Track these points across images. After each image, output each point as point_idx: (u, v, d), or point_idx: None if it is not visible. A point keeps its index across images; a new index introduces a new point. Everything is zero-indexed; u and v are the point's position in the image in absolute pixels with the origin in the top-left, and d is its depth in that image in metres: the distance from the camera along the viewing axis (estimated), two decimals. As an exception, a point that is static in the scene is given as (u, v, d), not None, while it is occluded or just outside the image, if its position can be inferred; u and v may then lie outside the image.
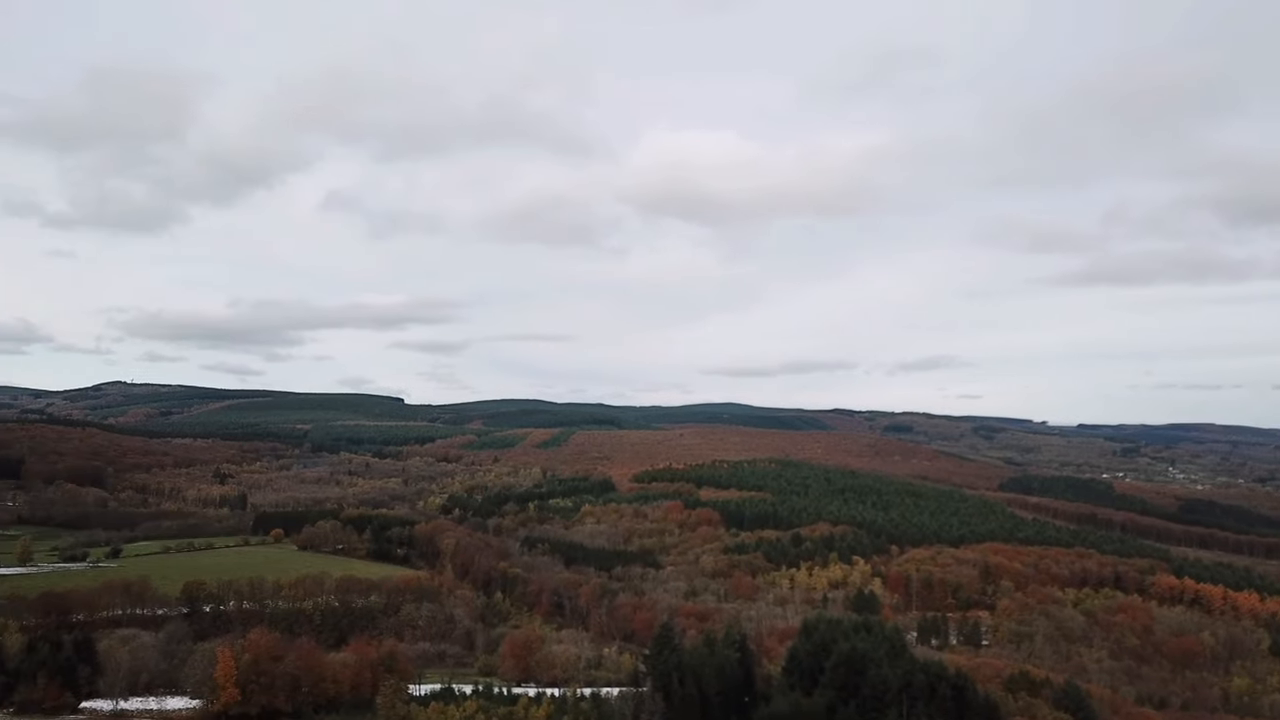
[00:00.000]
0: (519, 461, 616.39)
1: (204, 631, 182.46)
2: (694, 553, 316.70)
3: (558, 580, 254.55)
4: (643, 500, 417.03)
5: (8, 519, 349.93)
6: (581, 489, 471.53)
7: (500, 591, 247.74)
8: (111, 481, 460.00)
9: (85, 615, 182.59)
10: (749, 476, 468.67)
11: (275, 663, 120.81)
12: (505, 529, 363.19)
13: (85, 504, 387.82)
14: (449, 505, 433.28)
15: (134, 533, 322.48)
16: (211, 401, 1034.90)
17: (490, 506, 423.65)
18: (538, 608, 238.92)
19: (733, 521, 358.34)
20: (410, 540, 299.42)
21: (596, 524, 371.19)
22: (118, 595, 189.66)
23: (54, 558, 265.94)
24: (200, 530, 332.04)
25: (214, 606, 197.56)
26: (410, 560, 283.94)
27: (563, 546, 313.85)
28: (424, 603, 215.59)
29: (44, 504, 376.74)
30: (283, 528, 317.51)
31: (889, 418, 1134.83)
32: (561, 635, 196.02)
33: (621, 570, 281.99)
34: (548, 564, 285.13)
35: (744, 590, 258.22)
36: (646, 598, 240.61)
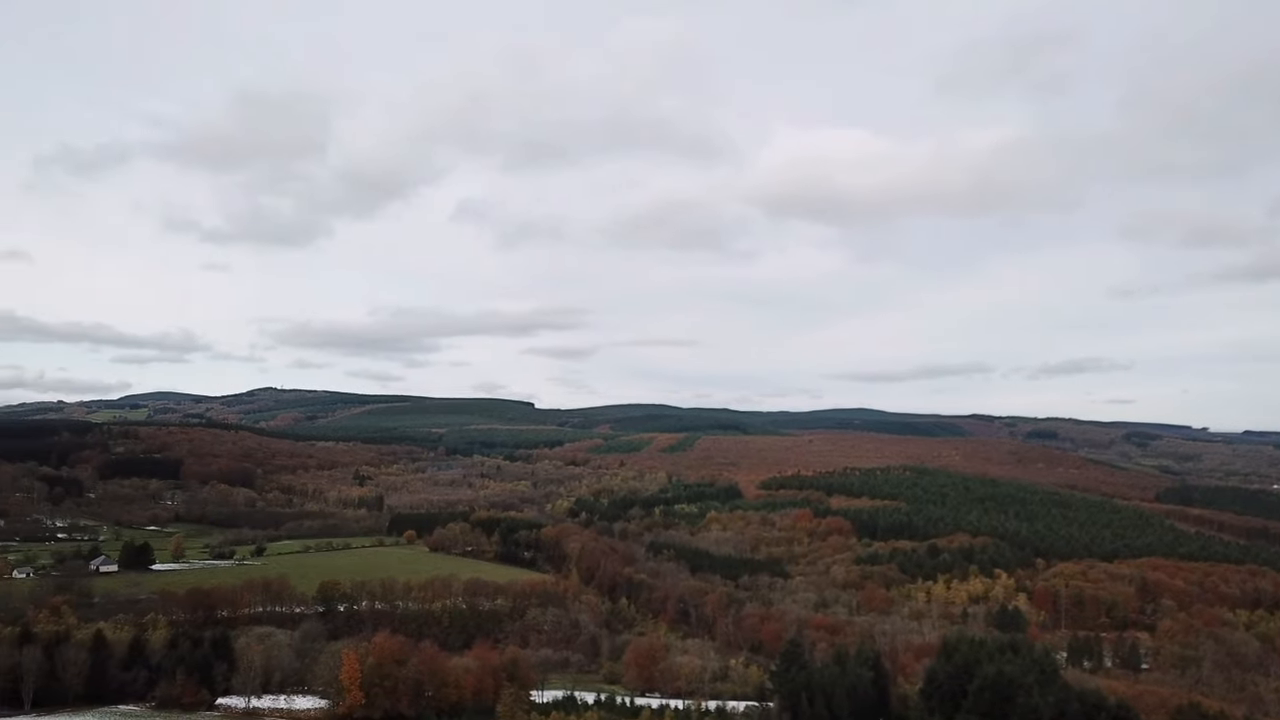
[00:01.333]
0: (644, 466, 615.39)
1: (337, 631, 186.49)
2: (824, 563, 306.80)
3: (683, 588, 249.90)
4: (770, 508, 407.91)
5: (166, 517, 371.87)
6: (707, 495, 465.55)
7: (625, 597, 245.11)
8: (260, 482, 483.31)
9: (229, 612, 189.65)
10: (882, 484, 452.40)
11: (399, 667, 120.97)
12: (631, 534, 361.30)
13: (235, 504, 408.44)
14: (576, 509, 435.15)
15: (278, 532, 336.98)
16: (354, 406, 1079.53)
17: (616, 511, 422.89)
18: (663, 615, 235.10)
19: (865, 531, 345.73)
20: (537, 543, 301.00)
21: (722, 531, 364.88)
22: (258, 593, 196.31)
23: (204, 555, 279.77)
24: (339, 530, 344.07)
25: (347, 606, 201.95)
26: (537, 563, 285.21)
27: (688, 553, 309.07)
28: (549, 607, 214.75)
29: (199, 503, 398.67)
30: (416, 529, 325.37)
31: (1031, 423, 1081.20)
32: (687, 644, 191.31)
33: (748, 579, 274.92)
34: (673, 571, 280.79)
35: (877, 603, 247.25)
36: (774, 608, 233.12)
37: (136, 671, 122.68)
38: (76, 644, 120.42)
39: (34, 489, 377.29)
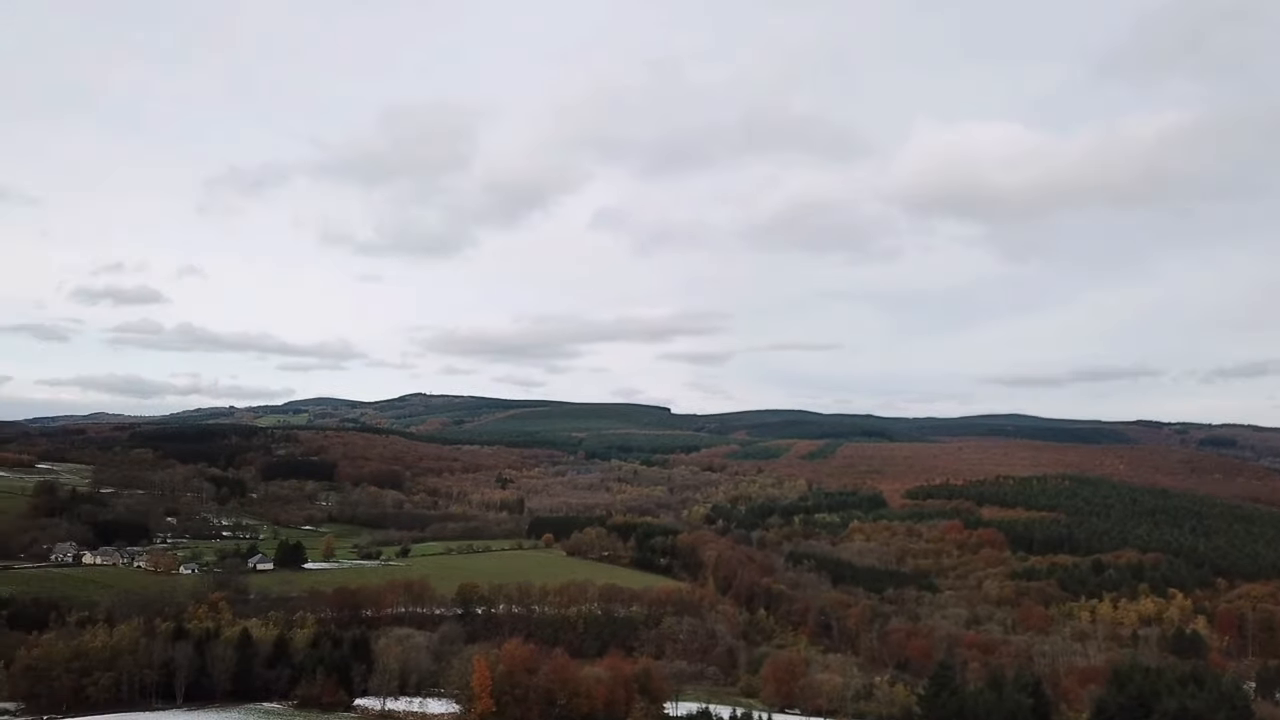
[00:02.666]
0: (783, 473, 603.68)
1: (475, 633, 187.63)
2: (975, 576, 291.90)
3: (824, 599, 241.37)
4: (917, 518, 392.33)
5: (321, 517, 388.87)
6: (849, 503, 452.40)
7: (764, 608, 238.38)
8: (408, 484, 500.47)
9: (372, 611, 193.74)
10: (1038, 494, 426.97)
11: (529, 675, 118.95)
12: (769, 542, 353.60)
13: (384, 505, 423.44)
14: (712, 515, 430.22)
15: (423, 533, 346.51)
16: (498, 411, 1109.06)
17: (754, 518, 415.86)
18: (803, 627, 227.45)
19: (1020, 544, 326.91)
20: (673, 550, 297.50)
21: (866, 541, 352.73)
22: (400, 594, 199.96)
23: (353, 555, 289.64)
24: (481, 533, 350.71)
25: (485, 609, 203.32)
26: (672, 570, 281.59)
27: (830, 563, 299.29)
28: (685, 616, 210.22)
29: (350, 504, 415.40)
30: (554, 533, 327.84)
31: (1205, 430, 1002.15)
32: (828, 659, 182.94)
33: (894, 592, 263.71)
34: (814, 581, 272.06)
35: (1034, 621, 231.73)
36: (922, 624, 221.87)
37: (280, 670, 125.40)
38: (225, 641, 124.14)
39: (203, 489, 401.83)
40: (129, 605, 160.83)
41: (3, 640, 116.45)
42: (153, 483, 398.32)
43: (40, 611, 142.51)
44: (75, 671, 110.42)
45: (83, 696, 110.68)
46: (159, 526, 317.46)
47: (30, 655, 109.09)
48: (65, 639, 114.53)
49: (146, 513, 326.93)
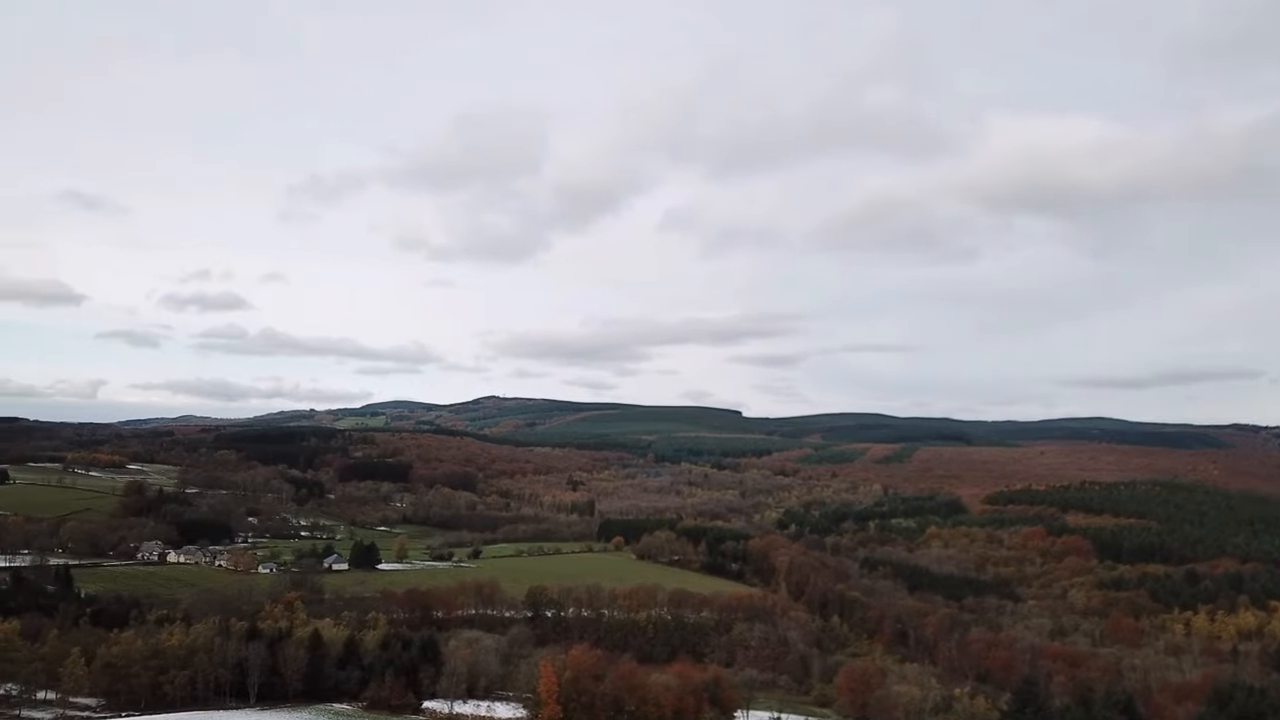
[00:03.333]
0: (858, 477, 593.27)
1: (545, 636, 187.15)
2: (1060, 585, 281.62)
3: (901, 607, 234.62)
4: (997, 524, 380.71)
5: (395, 518, 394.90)
6: (926, 509, 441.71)
7: (838, 615, 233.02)
8: (481, 486, 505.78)
9: (443, 612, 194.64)
10: (1126, 501, 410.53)
11: (596, 682, 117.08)
12: (843, 548, 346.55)
13: (457, 506, 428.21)
14: (785, 520, 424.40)
15: (494, 535, 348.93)
16: (569, 414, 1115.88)
17: (827, 523, 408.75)
18: (878, 636, 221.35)
19: (1107, 552, 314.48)
20: (744, 555, 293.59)
21: (944, 548, 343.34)
22: (471, 596, 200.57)
23: (425, 556, 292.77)
24: (551, 535, 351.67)
25: (555, 612, 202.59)
26: (744, 576, 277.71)
27: (906, 570, 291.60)
28: (756, 623, 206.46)
29: (424, 505, 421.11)
30: (624, 535, 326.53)
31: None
32: (905, 669, 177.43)
33: (974, 601, 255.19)
34: (889, 589, 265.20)
35: (1124, 634, 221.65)
36: (1004, 634, 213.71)
37: (350, 671, 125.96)
38: (296, 641, 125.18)
39: (282, 490, 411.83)
40: (208, 604, 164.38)
41: (85, 637, 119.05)
42: (235, 483, 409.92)
43: (122, 609, 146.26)
44: (153, 669, 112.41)
45: (160, 694, 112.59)
46: (240, 526, 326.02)
47: (110, 652, 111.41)
48: (144, 637, 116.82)
49: (229, 513, 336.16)
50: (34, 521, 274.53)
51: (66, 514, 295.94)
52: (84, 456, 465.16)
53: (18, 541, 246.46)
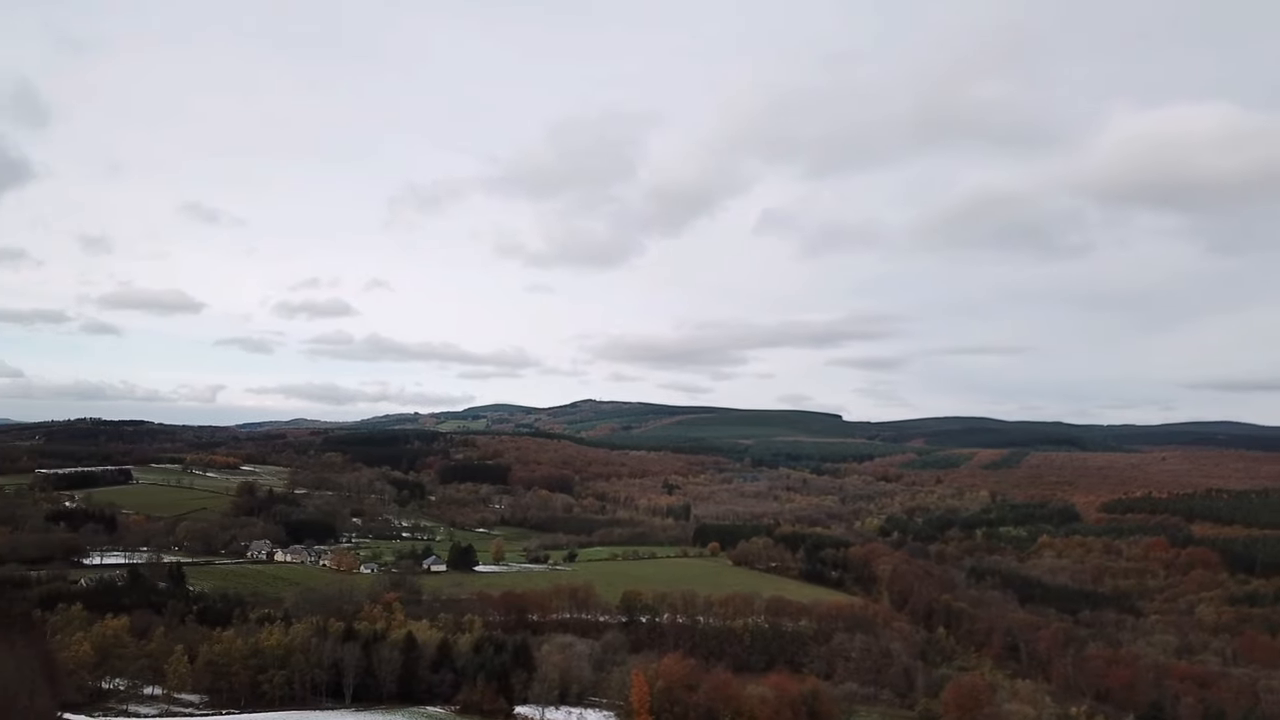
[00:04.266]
0: (964, 483, 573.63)
1: (639, 642, 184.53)
2: (1186, 600, 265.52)
3: (1011, 620, 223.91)
4: (1115, 533, 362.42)
5: (493, 520, 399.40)
6: (1037, 517, 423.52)
7: (943, 627, 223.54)
8: (577, 489, 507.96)
9: (538, 616, 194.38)
10: (1259, 509, 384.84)
11: (689, 692, 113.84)
12: (948, 556, 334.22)
13: (554, 509, 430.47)
14: (887, 527, 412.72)
15: (590, 538, 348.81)
16: (665, 417, 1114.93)
17: (931, 531, 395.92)
18: (987, 649, 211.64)
19: (1238, 565, 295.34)
20: (844, 563, 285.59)
21: (1057, 558, 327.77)
22: (565, 599, 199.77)
23: (521, 558, 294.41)
24: (646, 539, 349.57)
25: (649, 618, 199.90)
26: (844, 584, 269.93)
27: (1016, 581, 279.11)
28: (857, 633, 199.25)
29: (521, 508, 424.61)
30: (720, 541, 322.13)
31: None
32: (1016, 686, 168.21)
33: (1090, 615, 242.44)
34: (998, 600, 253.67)
35: (1259, 653, 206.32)
36: (1124, 650, 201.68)
37: (443, 674, 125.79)
38: (390, 643, 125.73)
39: (385, 491, 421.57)
40: (309, 603, 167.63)
41: (190, 634, 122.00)
42: (341, 485, 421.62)
43: (226, 608, 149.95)
44: (252, 668, 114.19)
45: (259, 692, 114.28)
46: (345, 527, 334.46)
47: (212, 651, 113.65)
48: (244, 636, 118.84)
49: (334, 513, 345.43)
50: (153, 520, 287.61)
51: (183, 513, 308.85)
52: (201, 458, 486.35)
53: (137, 539, 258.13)
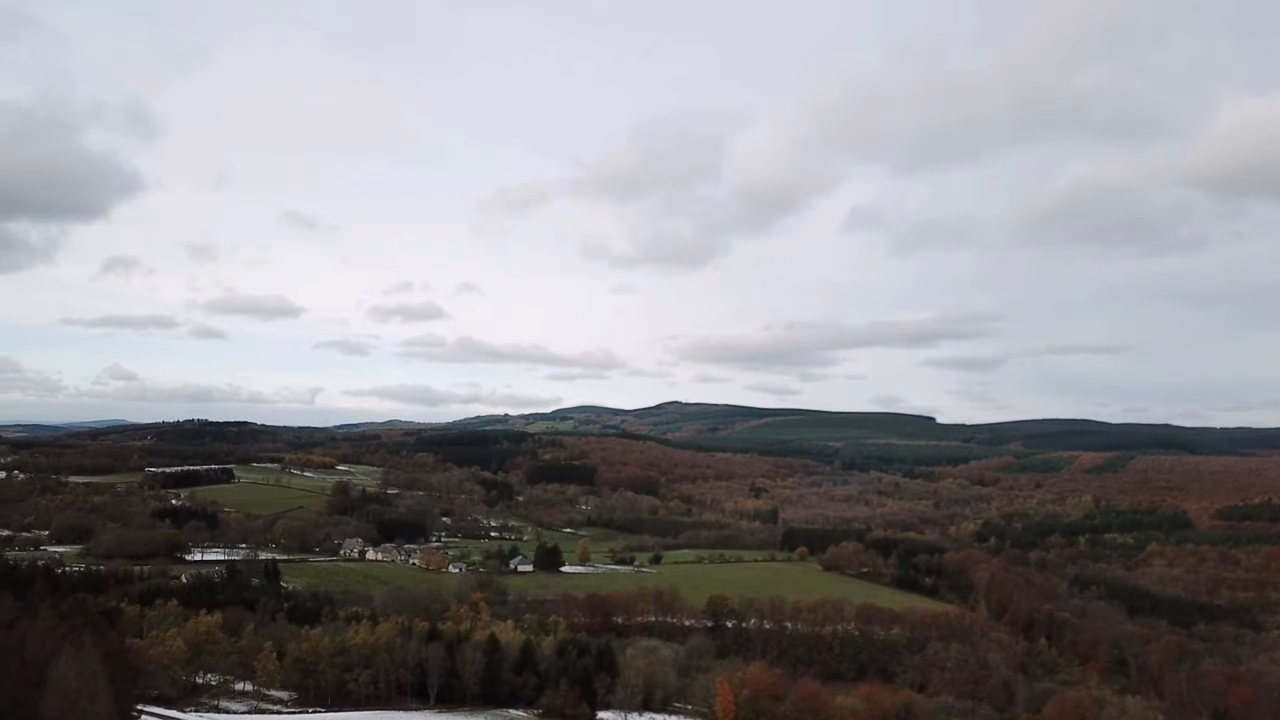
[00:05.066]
0: (1065, 488, 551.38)
1: (725, 648, 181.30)
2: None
3: (1118, 632, 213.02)
4: (1232, 542, 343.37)
5: (580, 520, 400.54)
6: (1145, 524, 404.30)
7: (1045, 638, 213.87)
8: (663, 490, 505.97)
9: (623, 618, 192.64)
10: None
11: (776, 702, 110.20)
12: (1049, 564, 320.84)
13: (640, 510, 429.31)
14: (984, 533, 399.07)
15: (676, 540, 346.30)
16: (752, 419, 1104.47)
17: (1031, 537, 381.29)
18: (1093, 662, 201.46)
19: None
20: (938, 569, 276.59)
21: (1168, 567, 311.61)
22: (650, 602, 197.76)
23: (607, 559, 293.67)
24: (733, 542, 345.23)
25: (735, 623, 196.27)
26: (938, 591, 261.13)
27: (1124, 591, 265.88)
28: (953, 643, 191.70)
29: (608, 509, 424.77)
30: (808, 545, 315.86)
31: None
32: (1125, 702, 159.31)
33: (1206, 628, 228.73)
34: (1104, 611, 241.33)
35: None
36: (1245, 667, 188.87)
37: (526, 677, 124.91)
38: (474, 644, 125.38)
39: (474, 491, 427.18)
40: (398, 602, 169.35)
41: (280, 632, 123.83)
42: (432, 484, 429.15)
43: (316, 606, 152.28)
44: (338, 666, 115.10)
45: (345, 691, 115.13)
46: (435, 526, 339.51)
47: (299, 649, 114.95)
48: (331, 635, 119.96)
49: (424, 513, 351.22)
50: (252, 518, 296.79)
51: (281, 511, 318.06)
52: (299, 458, 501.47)
53: (236, 536, 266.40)
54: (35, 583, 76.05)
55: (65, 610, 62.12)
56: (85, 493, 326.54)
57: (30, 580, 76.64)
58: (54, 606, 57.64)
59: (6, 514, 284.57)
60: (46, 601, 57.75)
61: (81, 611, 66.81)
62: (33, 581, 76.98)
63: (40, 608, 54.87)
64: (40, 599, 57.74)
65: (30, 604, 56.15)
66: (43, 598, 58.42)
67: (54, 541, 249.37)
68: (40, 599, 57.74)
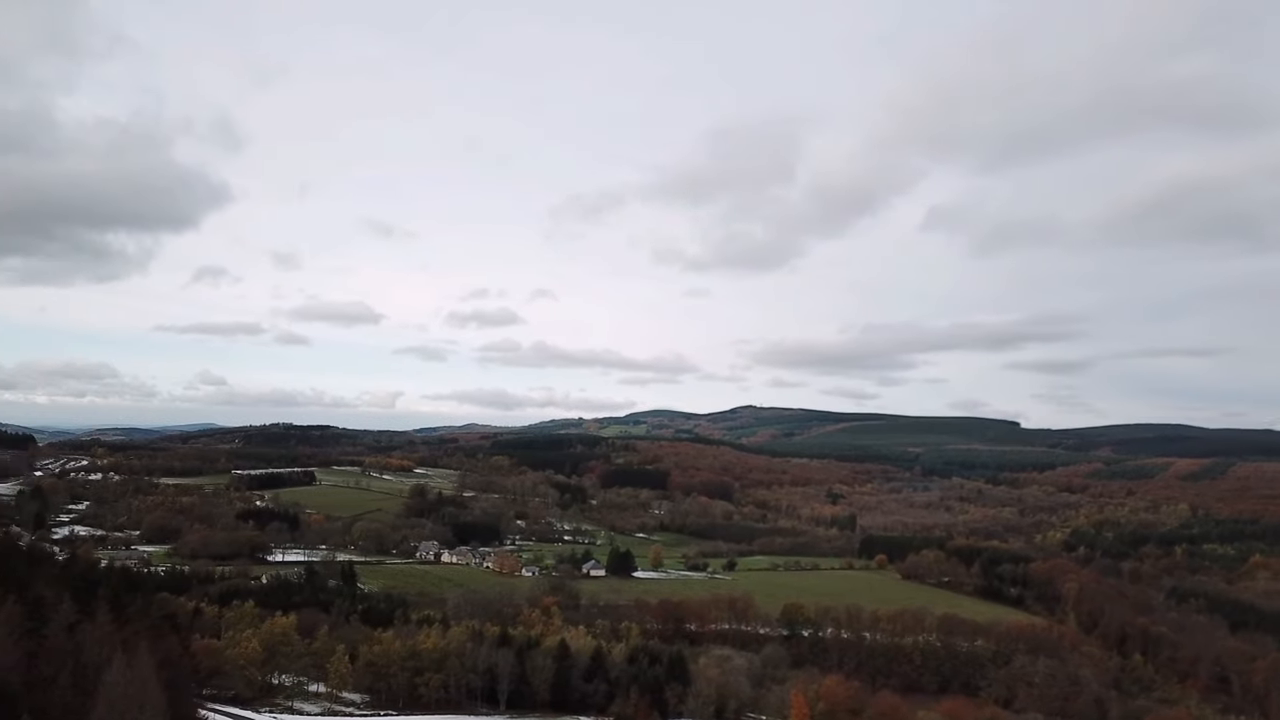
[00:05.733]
0: (1159, 495, 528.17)
1: (801, 657, 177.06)
2: None
3: (1220, 648, 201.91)
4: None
5: (653, 525, 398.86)
6: (1248, 534, 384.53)
7: (1139, 653, 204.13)
8: (737, 496, 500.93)
9: (695, 626, 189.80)
10: None
11: (853, 716, 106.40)
12: (1144, 576, 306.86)
13: (713, 516, 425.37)
14: (1072, 542, 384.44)
15: (750, 547, 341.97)
16: (828, 424, 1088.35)
17: (1123, 547, 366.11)
18: (1192, 680, 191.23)
19: None
20: (1024, 579, 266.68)
21: (1274, 580, 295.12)
22: (724, 610, 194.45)
23: (680, 565, 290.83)
24: (809, 549, 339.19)
25: (811, 632, 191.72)
26: (1024, 602, 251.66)
27: (1225, 605, 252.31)
28: (1040, 657, 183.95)
29: (681, 514, 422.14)
30: (887, 553, 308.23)
31: None
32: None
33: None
34: (1204, 626, 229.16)
35: None
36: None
37: (597, 684, 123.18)
38: (544, 650, 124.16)
39: (548, 494, 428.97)
40: (471, 605, 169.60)
41: (353, 634, 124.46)
42: (507, 487, 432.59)
43: (389, 608, 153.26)
44: (409, 670, 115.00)
45: (415, 695, 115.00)
46: (509, 529, 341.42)
47: (371, 651, 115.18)
48: (403, 638, 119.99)
49: (499, 515, 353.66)
50: (332, 520, 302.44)
51: (359, 514, 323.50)
52: (379, 461, 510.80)
53: (316, 538, 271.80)
54: (102, 584, 76.58)
55: (128, 614, 62.56)
56: (175, 494, 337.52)
57: (99, 581, 77.23)
58: (113, 610, 57.85)
59: (102, 514, 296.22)
60: (106, 605, 57.88)
61: (145, 615, 67.23)
62: (102, 582, 77.54)
63: (98, 611, 55.01)
64: (102, 602, 58.19)
65: (91, 607, 56.57)
66: (105, 600, 58.86)
67: (144, 541, 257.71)
68: (102, 602, 58.19)
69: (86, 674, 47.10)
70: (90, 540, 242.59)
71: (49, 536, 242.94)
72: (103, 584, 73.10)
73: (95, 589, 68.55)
